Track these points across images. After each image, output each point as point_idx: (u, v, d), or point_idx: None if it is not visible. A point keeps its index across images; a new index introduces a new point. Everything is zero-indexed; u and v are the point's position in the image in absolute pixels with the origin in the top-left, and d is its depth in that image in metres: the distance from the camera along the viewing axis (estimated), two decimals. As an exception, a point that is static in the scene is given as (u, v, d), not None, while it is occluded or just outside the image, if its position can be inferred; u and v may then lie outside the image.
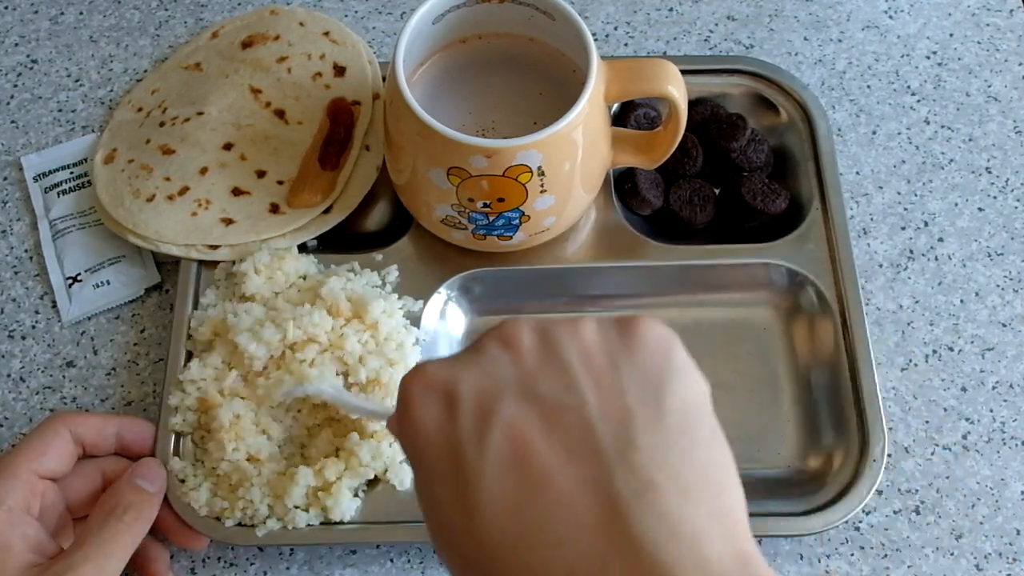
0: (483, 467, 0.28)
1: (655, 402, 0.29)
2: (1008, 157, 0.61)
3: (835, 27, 0.66)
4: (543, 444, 0.28)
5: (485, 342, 0.31)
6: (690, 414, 0.30)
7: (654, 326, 0.31)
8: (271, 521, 0.48)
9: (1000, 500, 0.51)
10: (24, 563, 0.42)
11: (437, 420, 0.30)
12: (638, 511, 0.27)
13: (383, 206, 0.59)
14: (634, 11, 0.67)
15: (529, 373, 0.30)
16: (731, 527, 0.28)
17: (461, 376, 0.30)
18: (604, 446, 0.28)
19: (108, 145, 0.59)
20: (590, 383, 0.29)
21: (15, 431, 0.53)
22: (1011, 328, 0.56)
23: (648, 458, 0.28)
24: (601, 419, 0.28)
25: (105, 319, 0.56)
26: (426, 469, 0.30)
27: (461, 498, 0.28)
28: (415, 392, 0.31)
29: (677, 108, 0.49)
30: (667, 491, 0.27)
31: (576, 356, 0.30)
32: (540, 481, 0.28)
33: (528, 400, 0.29)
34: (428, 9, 0.50)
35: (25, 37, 0.66)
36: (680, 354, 0.31)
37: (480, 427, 0.29)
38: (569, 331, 0.31)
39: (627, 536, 0.26)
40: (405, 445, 0.32)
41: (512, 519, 0.27)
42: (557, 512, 0.27)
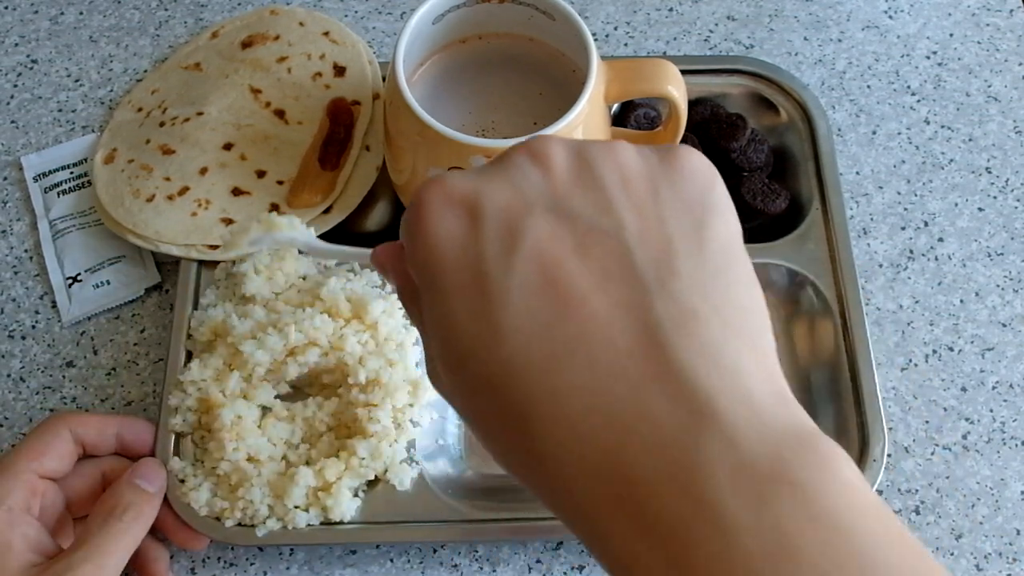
0: (510, 285, 0.26)
1: (696, 233, 0.27)
2: (1008, 157, 0.61)
3: (835, 27, 0.66)
4: (576, 264, 0.26)
5: (513, 155, 0.29)
6: (730, 250, 0.28)
7: (697, 157, 0.29)
8: (271, 521, 0.48)
9: (1000, 500, 0.51)
10: (24, 563, 0.42)
11: (457, 234, 0.27)
12: (679, 338, 0.25)
13: (383, 206, 0.59)
14: (634, 11, 0.67)
15: (562, 190, 0.28)
16: (769, 366, 0.26)
17: (485, 188, 0.28)
18: (643, 271, 0.26)
19: (108, 145, 0.59)
20: (628, 206, 0.27)
21: (15, 431, 0.53)
22: (1011, 328, 0.56)
23: (689, 287, 0.26)
24: (640, 244, 0.26)
25: (105, 319, 0.56)
26: (440, 288, 0.27)
27: (484, 317, 0.26)
28: (432, 202, 0.28)
29: (677, 108, 0.49)
30: (709, 322, 0.25)
31: (614, 178, 0.28)
32: (572, 302, 0.26)
33: (560, 218, 0.27)
34: (428, 9, 0.50)
35: (25, 37, 0.66)
36: (721, 188, 0.29)
37: (507, 243, 0.26)
38: (607, 151, 0.29)
39: (666, 362, 0.25)
40: (411, 262, 0.29)
41: (539, 340, 0.25)
42: (589, 335, 0.25)
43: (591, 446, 0.24)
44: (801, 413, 0.25)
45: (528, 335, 0.25)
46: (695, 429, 0.24)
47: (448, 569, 0.50)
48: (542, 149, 0.28)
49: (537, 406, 0.25)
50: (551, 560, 0.50)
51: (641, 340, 0.25)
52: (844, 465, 0.24)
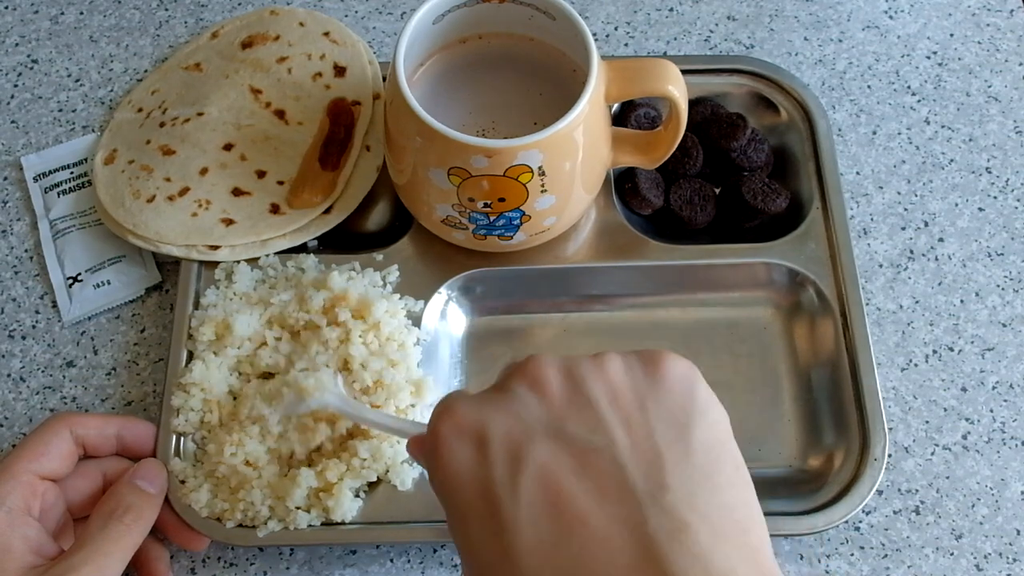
0: (518, 511, 0.29)
1: (682, 441, 0.30)
2: (1008, 157, 0.61)
3: (835, 27, 0.66)
4: (575, 486, 0.29)
5: (511, 382, 0.32)
6: (715, 452, 0.30)
7: (677, 363, 0.32)
8: (272, 523, 0.48)
9: (1000, 500, 0.51)
10: (24, 564, 0.42)
11: (469, 464, 0.31)
12: (673, 551, 0.27)
13: (383, 206, 0.59)
14: (634, 11, 0.67)
15: (557, 414, 0.31)
16: (760, 564, 0.28)
17: (490, 418, 0.31)
18: (636, 487, 0.29)
19: (108, 146, 0.59)
20: (618, 423, 0.30)
21: (15, 431, 0.53)
22: (1011, 328, 0.56)
23: (679, 499, 0.28)
24: (631, 460, 0.29)
25: (105, 319, 0.56)
26: (460, 510, 0.31)
27: (497, 540, 0.29)
28: (446, 434, 0.32)
29: (677, 108, 0.49)
30: (699, 531, 0.28)
31: (603, 395, 0.31)
32: (575, 522, 0.28)
33: (558, 441, 0.30)
34: (428, 9, 0.50)
35: (25, 37, 0.66)
36: (703, 390, 0.32)
37: (512, 471, 0.29)
38: (595, 369, 0.31)
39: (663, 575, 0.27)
40: (435, 488, 0.32)
41: (548, 559, 0.28)
42: (592, 552, 0.28)
43: None
44: None
45: (538, 556, 0.28)
46: None
47: (448, 569, 0.50)
48: (537, 374, 0.32)
49: None
50: (551, 560, 0.50)
51: (638, 555, 0.27)
52: None
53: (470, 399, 0.32)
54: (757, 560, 0.28)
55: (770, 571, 0.28)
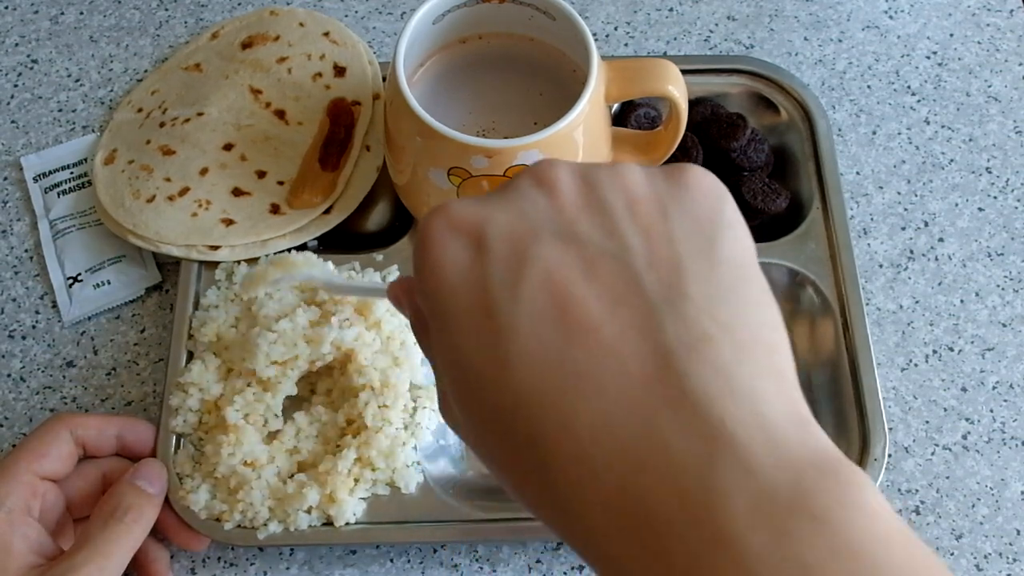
0: (518, 314, 0.26)
1: (707, 252, 0.27)
2: (1008, 157, 0.61)
3: (835, 27, 0.66)
4: (584, 290, 0.26)
5: (518, 180, 0.29)
6: (742, 268, 0.27)
7: (705, 175, 0.29)
8: (273, 524, 0.48)
9: (1000, 500, 0.51)
10: (25, 564, 0.42)
11: (463, 263, 0.27)
12: (691, 363, 0.24)
13: (383, 206, 0.59)
14: (634, 11, 0.67)
15: (568, 215, 0.27)
16: (786, 387, 0.25)
17: (491, 215, 0.27)
18: (652, 294, 0.25)
19: (108, 146, 0.59)
20: (636, 230, 0.27)
21: (15, 431, 0.53)
22: (1011, 328, 0.56)
23: (700, 309, 0.25)
24: (649, 267, 0.26)
25: (105, 319, 0.56)
26: (448, 317, 0.27)
27: (493, 347, 0.26)
28: (438, 230, 0.28)
29: (677, 108, 0.49)
30: (721, 344, 0.25)
31: (621, 200, 0.28)
32: (581, 329, 0.25)
33: (567, 243, 0.26)
34: (428, 9, 0.50)
35: (25, 37, 0.66)
36: (731, 205, 0.29)
37: (514, 271, 0.26)
38: (613, 175, 0.28)
39: (679, 388, 0.24)
40: (419, 295, 0.29)
41: (550, 369, 0.25)
42: (600, 362, 0.25)
43: (605, 476, 0.24)
44: (822, 436, 0.25)
45: (538, 363, 0.25)
46: (710, 457, 0.23)
47: (448, 569, 0.50)
48: (547, 174, 0.28)
49: (548, 436, 0.25)
50: (551, 560, 0.50)
51: (653, 365, 0.24)
52: (868, 492, 0.23)
53: (469, 198, 0.29)
54: (783, 383, 0.25)
55: (796, 398, 0.25)
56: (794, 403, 0.25)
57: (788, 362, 0.26)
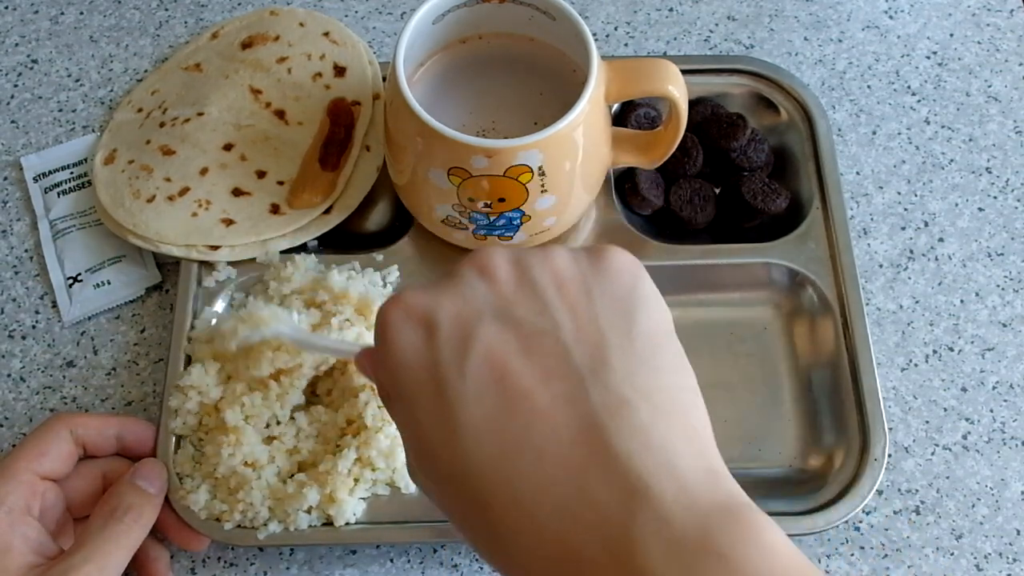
0: (464, 389, 0.29)
1: (626, 327, 0.30)
2: (1008, 157, 0.61)
3: (835, 27, 0.66)
4: (521, 365, 0.29)
5: (461, 270, 0.32)
6: (657, 339, 0.31)
7: (622, 255, 0.33)
8: (273, 524, 0.48)
9: (1000, 500, 0.51)
10: (24, 564, 0.42)
11: (416, 346, 0.31)
12: (613, 425, 0.28)
13: (383, 206, 0.59)
14: (634, 11, 0.67)
15: (505, 299, 0.31)
16: (699, 444, 0.29)
17: (439, 303, 0.31)
18: (579, 366, 0.29)
19: (108, 146, 0.59)
20: (564, 309, 0.30)
21: (15, 431, 0.53)
22: (1011, 328, 0.56)
23: (621, 378, 0.29)
24: (576, 342, 0.30)
25: (105, 319, 0.56)
26: (406, 395, 0.31)
27: (443, 419, 0.29)
28: (394, 319, 0.31)
29: (677, 108, 0.49)
30: (639, 408, 0.28)
31: (550, 283, 0.31)
32: (519, 399, 0.29)
33: (505, 324, 0.30)
34: (428, 9, 0.50)
35: (25, 37, 0.66)
36: (647, 282, 0.32)
37: (459, 350, 0.30)
38: (542, 259, 0.32)
39: (603, 447, 0.27)
40: (382, 373, 0.32)
41: (493, 436, 0.29)
42: (536, 428, 0.28)
43: (545, 531, 0.27)
44: (731, 486, 0.28)
45: (483, 432, 0.29)
46: (630, 508, 0.26)
47: (448, 569, 0.50)
48: (487, 263, 0.32)
49: (494, 495, 0.28)
50: (551, 560, 0.50)
51: (580, 429, 0.28)
52: (768, 531, 0.26)
53: (419, 287, 0.32)
54: (697, 439, 0.29)
55: (708, 452, 0.29)
56: (705, 457, 0.28)
57: (701, 420, 0.30)
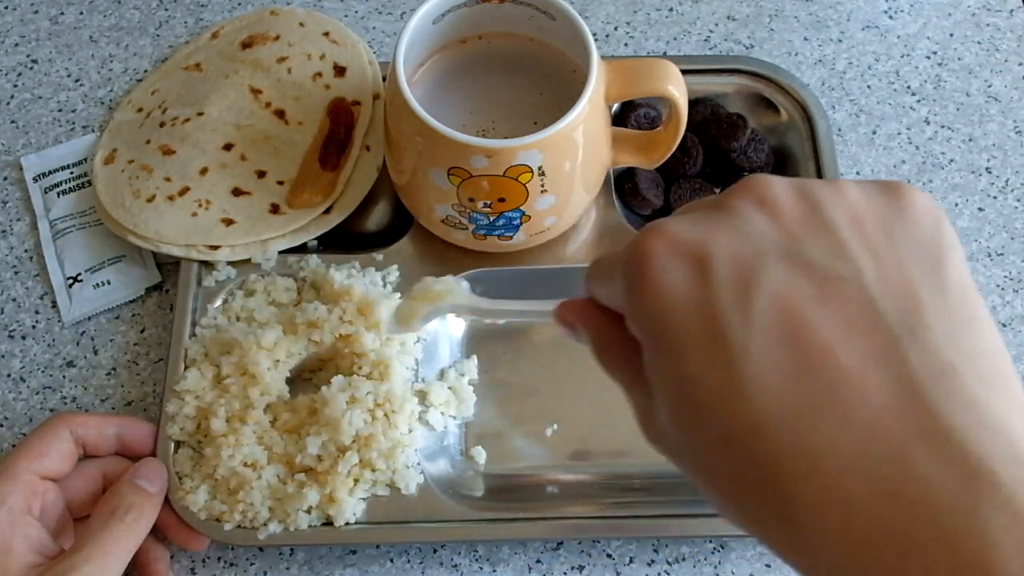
0: (750, 338, 0.25)
1: (936, 277, 0.26)
2: (1008, 157, 0.61)
3: (835, 27, 0.66)
4: (818, 315, 0.24)
5: (734, 201, 0.27)
6: (970, 293, 0.26)
7: (922, 195, 0.28)
8: (273, 525, 0.47)
9: (1000, 500, 0.51)
10: (25, 564, 0.42)
11: (686, 286, 0.26)
12: (940, 394, 0.23)
13: (383, 206, 0.59)
14: (634, 11, 0.67)
15: (793, 236, 0.26)
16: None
17: (713, 237, 0.26)
18: (890, 320, 0.24)
19: (108, 146, 0.59)
20: (864, 251, 0.26)
21: (15, 431, 0.53)
22: (1011, 328, 0.56)
23: (940, 338, 0.24)
24: (882, 292, 0.25)
25: (105, 319, 0.56)
26: (671, 341, 0.26)
27: (724, 372, 0.25)
28: (656, 252, 0.26)
29: (677, 108, 0.49)
30: (966, 376, 0.24)
31: (845, 220, 0.26)
32: (819, 355, 0.24)
33: (795, 266, 0.25)
34: (428, 9, 0.50)
35: (25, 37, 0.66)
36: (950, 228, 0.27)
37: (742, 295, 0.25)
38: (833, 191, 0.27)
39: (930, 420, 0.23)
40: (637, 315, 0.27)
41: (786, 395, 0.24)
42: (841, 390, 0.24)
43: (853, 509, 0.23)
44: None
45: (773, 389, 0.24)
46: (973, 497, 0.22)
47: (448, 569, 0.50)
48: (765, 192, 0.27)
49: (787, 466, 0.24)
50: (551, 560, 0.50)
51: (898, 395, 0.23)
52: None
53: (683, 218, 0.27)
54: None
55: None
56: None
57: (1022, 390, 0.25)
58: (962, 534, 0.22)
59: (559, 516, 0.49)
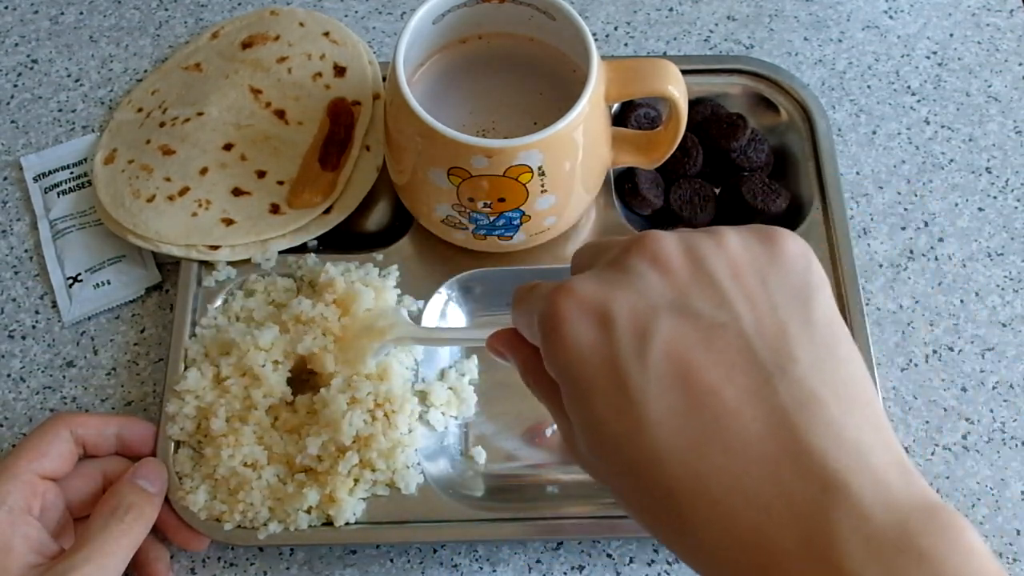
0: (647, 383, 0.29)
1: (804, 316, 0.30)
2: (1008, 157, 0.61)
3: (835, 27, 0.66)
4: (704, 359, 0.29)
5: (630, 259, 0.32)
6: (834, 326, 0.30)
7: (793, 240, 0.32)
8: (273, 525, 0.47)
9: (1000, 500, 0.51)
10: (25, 564, 0.42)
11: (592, 340, 0.30)
12: (804, 421, 0.27)
13: (383, 206, 0.59)
14: (634, 11, 0.67)
15: (681, 291, 0.30)
16: (886, 437, 0.28)
17: (613, 296, 0.31)
18: (764, 359, 0.29)
19: (108, 146, 0.59)
20: (742, 299, 0.30)
21: (15, 431, 0.53)
22: (1011, 328, 0.56)
23: (806, 371, 0.28)
24: (757, 334, 0.29)
25: (105, 319, 0.56)
26: (582, 387, 0.30)
27: (625, 413, 0.29)
28: (566, 309, 0.31)
29: (677, 108, 0.49)
30: (828, 402, 0.28)
31: (725, 271, 0.31)
32: (705, 394, 0.28)
33: (684, 317, 0.30)
34: (428, 9, 0.50)
35: (25, 37, 0.66)
36: (818, 268, 0.32)
37: (639, 345, 0.29)
38: (714, 245, 0.31)
39: (796, 444, 0.27)
40: (552, 364, 0.32)
41: (679, 431, 0.28)
42: (724, 423, 0.28)
43: (734, 521, 0.27)
44: (922, 482, 0.28)
45: (669, 427, 0.28)
46: (828, 504, 0.26)
47: (448, 569, 0.50)
48: (657, 251, 0.31)
49: (682, 488, 0.28)
50: (551, 560, 0.50)
51: (770, 425, 0.28)
52: (967, 532, 0.26)
53: (588, 279, 0.32)
54: (883, 433, 0.28)
55: (896, 447, 0.28)
56: (894, 451, 0.28)
57: (880, 411, 0.29)
58: (818, 537, 0.26)
59: (559, 516, 0.49)
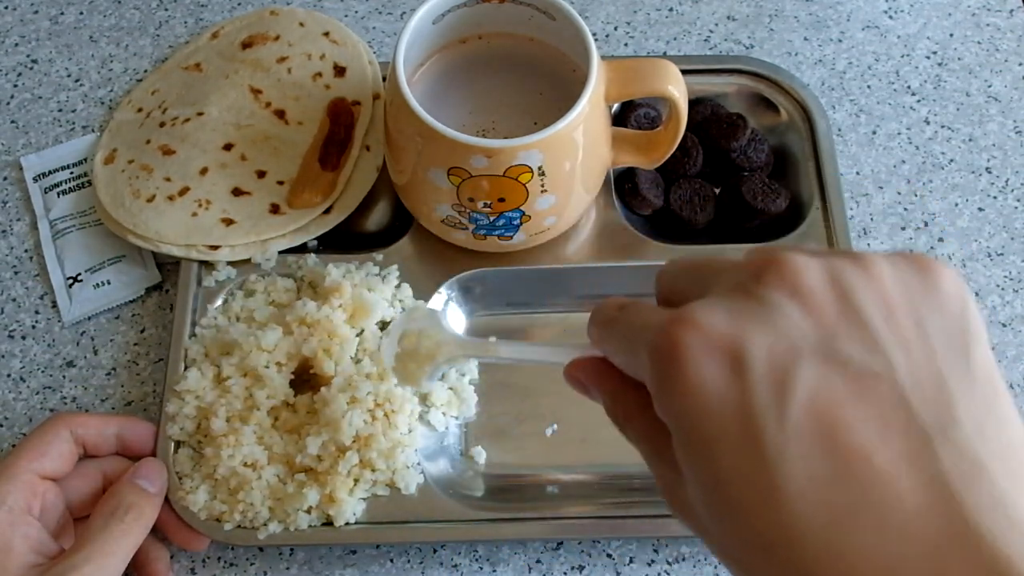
0: (786, 442, 0.24)
1: (963, 367, 0.26)
2: (1008, 157, 0.61)
3: (835, 27, 0.66)
4: (853, 415, 0.24)
5: (765, 288, 0.27)
6: (995, 382, 0.26)
7: (951, 275, 0.27)
8: (273, 525, 0.47)
9: (1000, 500, 0.51)
10: (25, 564, 0.42)
11: (721, 384, 0.26)
12: (970, 495, 0.23)
13: (383, 206, 0.59)
14: (634, 11, 0.67)
15: (827, 331, 0.26)
16: None
17: (748, 333, 0.26)
18: (922, 418, 0.24)
19: (108, 146, 0.59)
20: (896, 344, 0.26)
21: (15, 431, 0.53)
22: (1011, 328, 0.56)
23: (971, 434, 0.24)
24: (913, 387, 0.25)
25: (105, 319, 0.56)
26: (703, 439, 0.26)
27: (759, 475, 0.25)
28: (690, 346, 0.26)
29: (677, 108, 0.49)
30: (995, 472, 0.24)
31: (877, 308, 0.26)
32: (854, 457, 0.24)
33: (830, 364, 0.25)
34: (428, 9, 0.50)
35: (25, 37, 0.66)
36: (976, 311, 0.27)
37: (778, 396, 0.25)
38: (864, 276, 0.27)
39: (962, 523, 0.23)
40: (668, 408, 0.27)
41: (822, 500, 0.24)
42: (876, 493, 0.24)
43: None
44: None
45: (809, 495, 0.24)
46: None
47: (448, 569, 0.50)
48: (797, 282, 0.27)
49: (822, 570, 0.24)
50: (551, 560, 0.50)
51: (930, 497, 0.24)
52: None
53: (713, 308, 0.27)
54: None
55: None
56: None
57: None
58: None
59: (559, 516, 0.49)
